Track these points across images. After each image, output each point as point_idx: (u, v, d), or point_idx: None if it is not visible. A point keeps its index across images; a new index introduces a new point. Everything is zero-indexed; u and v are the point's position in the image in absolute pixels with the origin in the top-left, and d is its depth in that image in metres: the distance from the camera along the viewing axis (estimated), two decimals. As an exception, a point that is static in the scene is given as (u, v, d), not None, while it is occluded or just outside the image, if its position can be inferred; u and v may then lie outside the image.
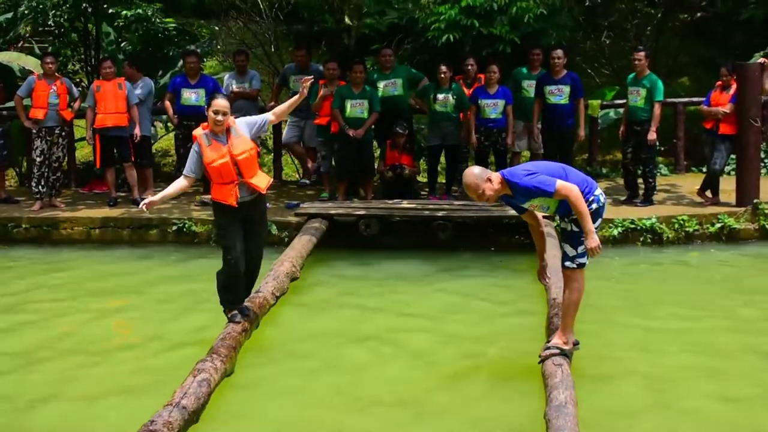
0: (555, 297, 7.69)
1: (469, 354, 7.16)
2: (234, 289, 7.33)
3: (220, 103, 7.04)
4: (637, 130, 11.58)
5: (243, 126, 7.23)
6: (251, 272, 7.52)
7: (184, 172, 7.20)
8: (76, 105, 12.45)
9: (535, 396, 6.13)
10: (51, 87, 12.02)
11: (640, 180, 11.84)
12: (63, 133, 12.31)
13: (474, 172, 6.29)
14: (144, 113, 12.45)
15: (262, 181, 7.26)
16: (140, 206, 7.05)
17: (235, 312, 7.24)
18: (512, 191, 6.30)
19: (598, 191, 6.39)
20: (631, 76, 11.84)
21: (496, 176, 6.27)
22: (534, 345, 6.92)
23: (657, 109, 11.51)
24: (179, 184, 7.18)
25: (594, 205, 6.28)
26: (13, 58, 14.21)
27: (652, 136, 11.38)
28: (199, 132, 7.16)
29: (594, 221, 6.28)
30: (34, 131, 12.14)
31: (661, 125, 11.58)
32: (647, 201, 11.67)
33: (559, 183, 6.12)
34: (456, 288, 9.15)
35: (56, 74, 12.25)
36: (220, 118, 7.00)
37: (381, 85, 12.28)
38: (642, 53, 11.65)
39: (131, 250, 11.12)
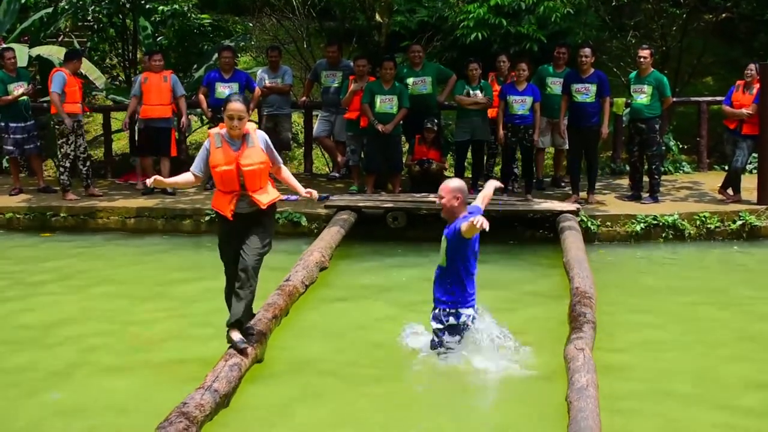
0: (578, 286, 7.95)
1: (493, 341, 7.17)
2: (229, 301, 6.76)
3: (235, 106, 6.46)
4: (642, 128, 11.69)
5: (261, 140, 6.66)
6: (238, 279, 6.65)
7: (191, 168, 6.71)
8: None
9: (557, 379, 6.32)
10: (78, 82, 12.45)
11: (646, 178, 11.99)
12: (82, 124, 12.74)
13: (458, 185, 6.79)
14: None
15: (265, 196, 6.64)
16: (148, 182, 6.53)
17: (237, 340, 6.51)
18: (450, 222, 6.77)
19: (470, 311, 6.82)
20: (634, 74, 11.97)
21: (462, 200, 6.72)
22: (556, 332, 7.18)
23: (668, 103, 11.89)
24: (187, 177, 6.73)
25: (452, 320, 6.76)
26: (53, 52, 14.54)
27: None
28: (214, 131, 6.66)
29: (453, 334, 6.74)
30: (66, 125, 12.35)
31: (685, 123, 11.66)
32: (653, 197, 11.81)
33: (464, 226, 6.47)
34: (481, 279, 9.24)
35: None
36: (235, 123, 6.46)
37: (410, 82, 12.51)
38: (647, 51, 11.67)
39: (165, 239, 11.44)
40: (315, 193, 6.89)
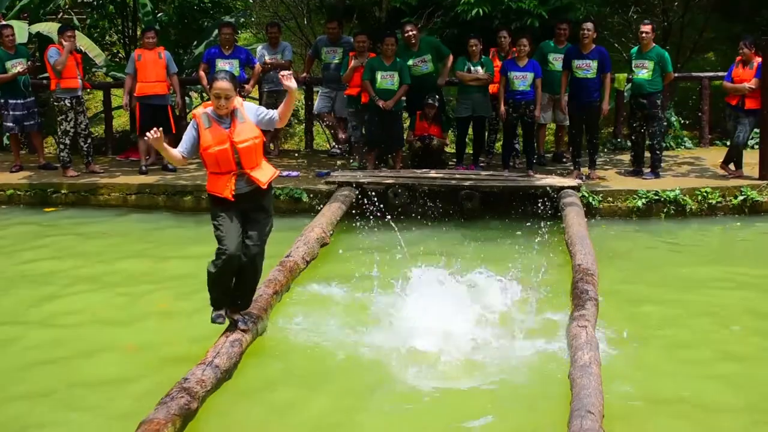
0: (580, 263, 7.98)
1: (496, 317, 7.29)
2: (220, 286, 6.49)
3: (222, 85, 6.19)
4: (643, 103, 11.65)
5: (251, 111, 6.44)
6: (245, 270, 6.55)
7: (177, 148, 6.38)
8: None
9: (560, 356, 6.37)
10: (75, 57, 12.40)
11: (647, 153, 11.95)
12: (83, 101, 12.72)
13: None
14: None
15: (264, 174, 6.45)
16: (149, 134, 6.09)
17: (220, 313, 6.51)
18: None
19: None
20: (635, 49, 11.91)
21: None
22: (559, 309, 7.23)
23: (670, 78, 11.83)
24: (176, 153, 6.34)
25: None
26: (53, 29, 14.52)
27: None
28: (199, 111, 6.39)
29: None
30: (67, 101, 12.38)
31: (686, 99, 11.62)
32: (654, 173, 11.79)
33: None
34: (483, 255, 9.27)
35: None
36: (222, 102, 6.21)
37: (410, 63, 12.40)
38: (649, 26, 11.62)
39: (167, 216, 11.51)
40: (292, 82, 6.27)
